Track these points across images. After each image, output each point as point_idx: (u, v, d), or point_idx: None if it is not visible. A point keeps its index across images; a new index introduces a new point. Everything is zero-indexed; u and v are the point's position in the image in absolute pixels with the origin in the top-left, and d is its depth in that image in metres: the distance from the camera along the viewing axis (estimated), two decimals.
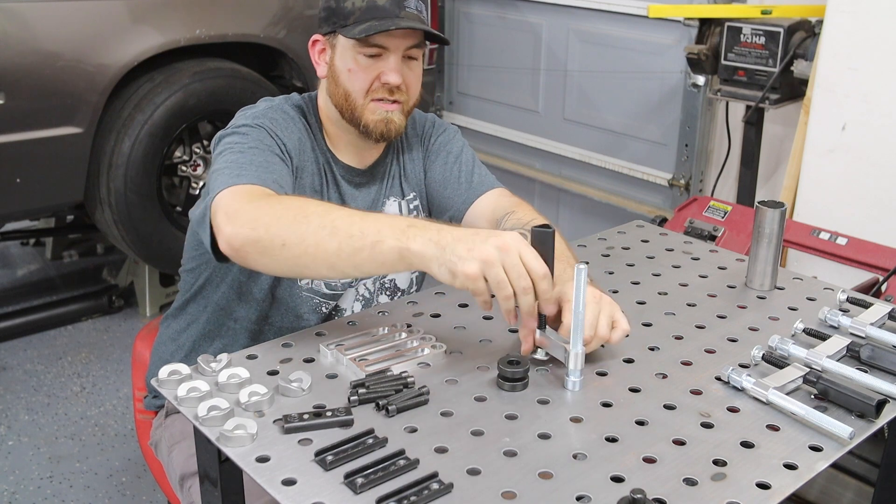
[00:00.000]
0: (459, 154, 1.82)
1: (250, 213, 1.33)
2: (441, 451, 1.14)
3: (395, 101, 1.62)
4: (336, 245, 1.27)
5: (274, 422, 1.19)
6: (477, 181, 1.79)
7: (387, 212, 1.77)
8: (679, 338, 1.48)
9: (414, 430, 1.19)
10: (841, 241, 2.31)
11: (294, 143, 1.61)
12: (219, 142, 1.57)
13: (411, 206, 1.81)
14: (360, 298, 1.75)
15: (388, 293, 1.79)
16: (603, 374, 1.35)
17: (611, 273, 1.74)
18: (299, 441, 1.15)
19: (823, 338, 1.44)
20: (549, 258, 1.28)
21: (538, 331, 1.33)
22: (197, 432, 1.21)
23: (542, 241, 1.28)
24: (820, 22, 2.75)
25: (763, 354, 1.38)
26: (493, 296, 1.25)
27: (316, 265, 1.31)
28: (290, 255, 1.30)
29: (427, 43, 1.65)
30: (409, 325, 1.47)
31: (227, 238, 1.34)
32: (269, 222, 1.31)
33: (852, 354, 1.41)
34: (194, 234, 1.67)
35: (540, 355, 1.35)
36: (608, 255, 1.84)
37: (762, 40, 2.90)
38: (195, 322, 1.75)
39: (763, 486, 1.10)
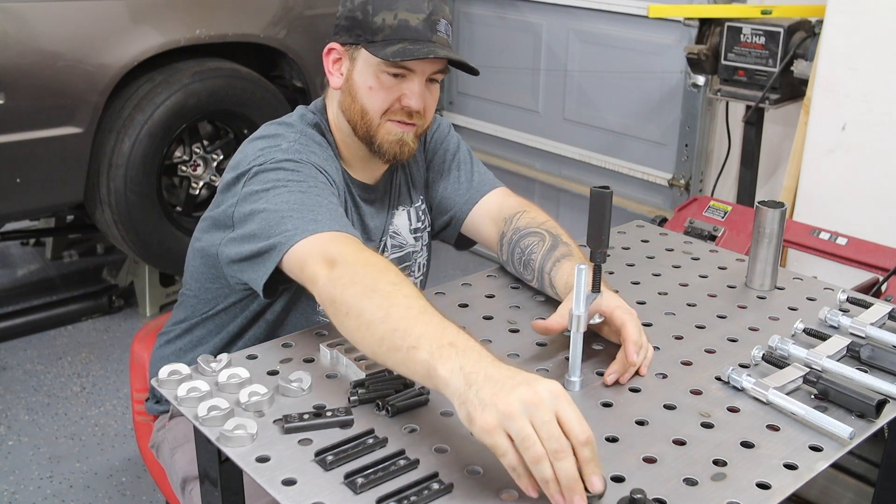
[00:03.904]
0: (456, 151, 1.80)
1: (341, 268, 1.27)
2: (441, 451, 1.14)
3: (410, 124, 1.58)
4: (381, 333, 1.17)
5: (274, 422, 1.19)
6: (478, 180, 1.78)
7: (395, 222, 1.73)
8: (679, 338, 1.48)
9: (414, 430, 1.19)
10: (841, 241, 2.31)
11: (333, 175, 1.54)
12: (253, 176, 1.46)
13: (420, 212, 1.78)
14: None
15: None
16: (603, 374, 1.35)
17: (611, 273, 1.74)
18: (299, 441, 1.15)
19: (823, 338, 1.44)
20: (605, 223, 1.23)
21: None
22: (197, 432, 1.21)
23: (599, 201, 1.19)
24: (820, 22, 2.75)
25: (763, 354, 1.38)
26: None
27: (364, 345, 1.22)
28: (349, 327, 1.23)
29: (449, 68, 1.59)
30: None
31: (320, 290, 1.28)
32: (346, 285, 1.24)
33: (852, 354, 1.41)
34: (208, 265, 1.60)
35: None
36: (608, 255, 1.84)
37: (762, 40, 2.90)
38: (202, 343, 1.71)
39: (763, 486, 1.10)
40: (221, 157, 3.46)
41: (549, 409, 1.01)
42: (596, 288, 1.32)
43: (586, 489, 1.02)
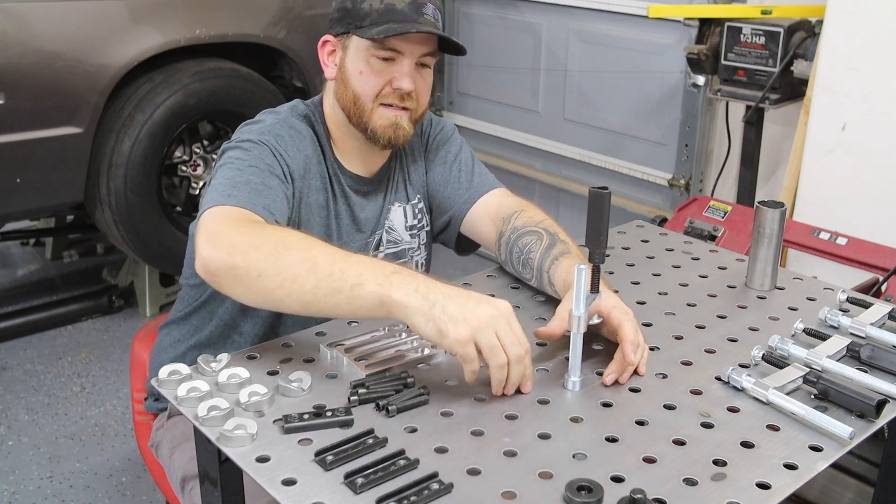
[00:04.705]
0: (458, 152, 1.81)
1: (230, 237, 1.28)
2: (441, 451, 1.14)
3: (404, 108, 1.59)
4: (314, 282, 1.21)
5: (274, 422, 1.19)
6: (478, 181, 1.78)
7: (392, 218, 1.75)
8: (679, 338, 1.48)
9: (414, 430, 1.19)
10: (841, 241, 2.31)
11: (299, 162, 1.57)
12: (222, 154, 1.53)
13: (416, 210, 1.79)
14: None
15: None
16: (602, 374, 1.35)
17: (611, 273, 1.74)
18: (299, 441, 1.15)
19: (823, 338, 1.44)
20: (603, 224, 1.26)
21: None
22: (197, 432, 1.21)
23: (597, 202, 1.24)
24: (820, 22, 2.75)
25: (763, 354, 1.38)
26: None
27: (290, 300, 1.24)
28: (265, 287, 1.24)
29: (440, 52, 1.61)
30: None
31: (204, 261, 1.28)
32: (247, 250, 1.25)
33: (852, 354, 1.41)
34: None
35: None
36: (608, 255, 1.84)
37: (762, 40, 2.90)
38: (198, 332, 1.72)
39: (763, 486, 1.10)
40: None
41: (506, 322, 1.22)
42: (595, 288, 1.32)
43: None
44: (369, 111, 1.58)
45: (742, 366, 1.37)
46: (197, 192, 3.44)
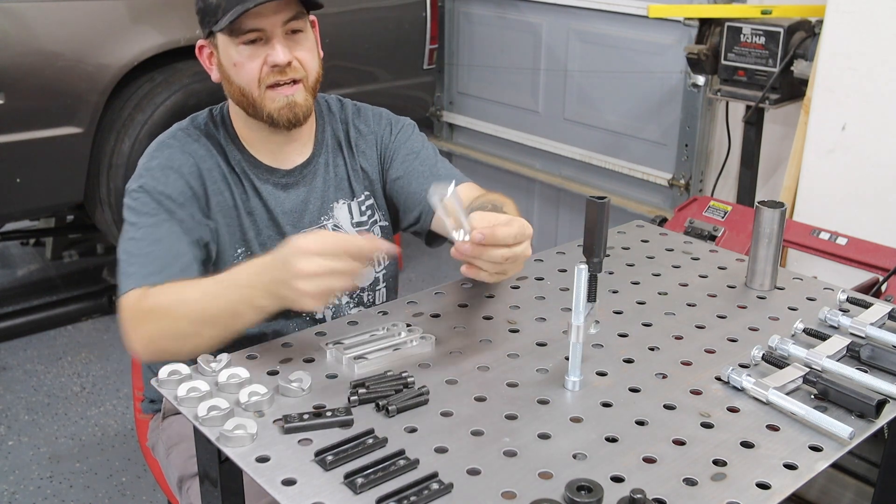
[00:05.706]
0: (420, 149, 1.78)
1: (141, 332, 1.40)
2: (441, 451, 1.14)
3: (293, 82, 1.57)
4: (216, 332, 1.37)
5: (274, 422, 1.19)
6: (444, 174, 1.75)
7: (336, 215, 1.72)
8: (679, 338, 1.48)
9: (414, 430, 1.19)
10: (841, 241, 2.31)
11: (181, 186, 1.55)
12: (126, 195, 1.57)
13: (364, 207, 1.75)
14: (330, 306, 1.72)
15: (347, 293, 1.75)
16: (603, 374, 1.35)
17: (611, 273, 1.74)
18: (299, 441, 1.15)
19: (823, 338, 1.44)
20: (598, 233, 1.27)
21: None
22: (197, 432, 1.21)
23: (593, 211, 1.26)
24: (820, 22, 2.75)
25: (763, 354, 1.38)
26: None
27: (211, 343, 1.38)
28: (187, 349, 1.37)
29: (308, 13, 1.58)
30: (409, 325, 1.47)
31: (134, 352, 1.44)
32: (156, 336, 1.39)
33: (852, 354, 1.41)
34: None
35: None
36: (608, 255, 1.83)
37: (762, 40, 2.90)
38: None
39: (763, 486, 1.10)
40: None
41: (307, 250, 1.27)
42: (592, 297, 1.31)
43: None
44: (259, 98, 1.57)
45: (742, 366, 1.37)
46: None
